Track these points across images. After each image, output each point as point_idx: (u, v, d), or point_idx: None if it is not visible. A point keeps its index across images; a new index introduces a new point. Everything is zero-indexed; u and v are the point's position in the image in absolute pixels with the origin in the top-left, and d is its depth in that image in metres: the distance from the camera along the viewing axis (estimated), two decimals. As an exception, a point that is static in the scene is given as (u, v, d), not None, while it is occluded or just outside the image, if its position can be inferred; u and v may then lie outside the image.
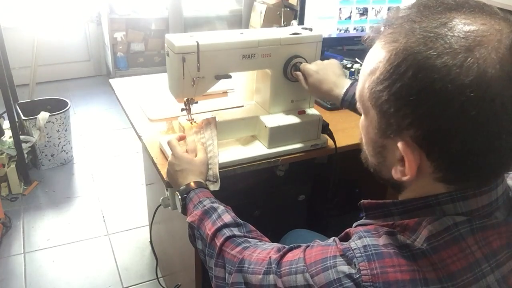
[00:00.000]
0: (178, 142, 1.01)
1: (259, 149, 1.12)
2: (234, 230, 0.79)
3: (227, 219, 0.81)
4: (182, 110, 1.10)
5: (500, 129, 0.48)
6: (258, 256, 0.69)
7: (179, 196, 0.91)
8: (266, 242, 0.78)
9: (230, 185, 1.06)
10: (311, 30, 1.12)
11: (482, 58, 0.46)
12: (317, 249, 0.59)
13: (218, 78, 1.04)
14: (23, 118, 2.31)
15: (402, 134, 0.52)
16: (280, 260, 0.63)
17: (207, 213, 0.84)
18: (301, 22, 1.59)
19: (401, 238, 0.54)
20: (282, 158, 1.12)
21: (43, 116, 2.31)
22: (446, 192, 0.54)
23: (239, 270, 0.70)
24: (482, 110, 0.46)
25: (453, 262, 0.51)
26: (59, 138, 2.46)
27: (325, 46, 1.13)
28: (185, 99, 1.07)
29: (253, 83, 1.24)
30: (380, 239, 0.55)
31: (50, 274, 1.83)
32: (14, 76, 2.40)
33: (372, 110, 0.55)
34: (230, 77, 1.05)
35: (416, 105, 0.49)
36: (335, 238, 0.61)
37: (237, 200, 1.20)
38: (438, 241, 0.52)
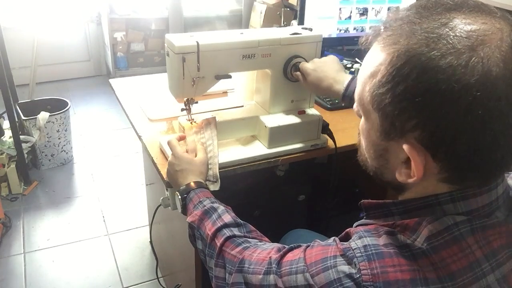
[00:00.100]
0: (178, 142, 1.01)
1: (259, 149, 1.12)
2: (234, 230, 0.79)
3: (227, 219, 0.81)
4: (182, 110, 1.10)
5: (505, 126, 0.48)
6: (258, 256, 0.69)
7: (179, 196, 0.91)
8: (266, 242, 0.78)
9: (230, 185, 1.06)
10: (311, 30, 1.12)
11: (486, 57, 0.46)
12: (317, 249, 0.59)
13: (218, 78, 1.04)
14: (23, 118, 2.31)
15: (407, 136, 0.52)
16: (280, 260, 0.63)
17: (207, 213, 0.84)
18: (301, 22, 1.59)
19: (401, 238, 0.54)
20: (282, 158, 1.12)
21: (43, 116, 2.31)
22: (447, 192, 0.54)
23: (239, 270, 0.70)
24: (488, 108, 0.46)
25: (453, 261, 0.51)
26: (59, 138, 2.46)
27: (325, 46, 1.13)
28: (185, 99, 1.07)
29: (253, 83, 1.24)
30: (380, 239, 0.55)
31: (50, 274, 1.83)
32: (14, 76, 2.39)
33: (373, 113, 0.55)
34: (230, 77, 1.05)
35: (421, 106, 0.49)
36: (335, 238, 0.61)
37: (237, 200, 1.20)
38: (438, 240, 0.52)
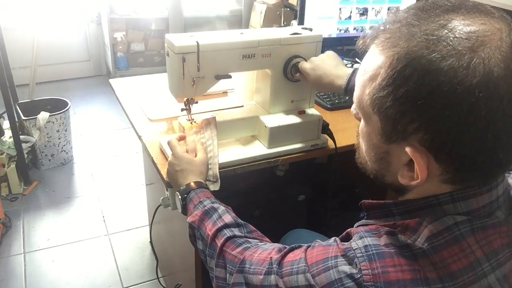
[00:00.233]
0: (178, 142, 1.01)
1: (259, 149, 1.12)
2: (235, 231, 0.79)
3: (228, 220, 0.81)
4: (182, 110, 1.09)
5: (507, 126, 0.48)
6: (259, 256, 0.69)
7: (179, 196, 0.91)
8: (266, 242, 0.78)
9: (230, 185, 1.06)
10: (311, 30, 1.12)
11: (487, 58, 0.46)
12: (318, 249, 0.59)
13: (218, 78, 1.04)
14: (23, 118, 2.31)
15: (409, 138, 0.52)
16: (281, 260, 0.63)
17: (208, 213, 0.84)
18: (301, 22, 1.59)
19: (402, 238, 0.54)
20: (282, 158, 1.12)
21: (43, 116, 2.31)
22: (447, 192, 0.54)
23: (240, 270, 0.70)
24: (491, 109, 0.47)
25: (454, 261, 0.51)
26: (59, 138, 2.46)
27: (325, 46, 1.13)
28: (185, 99, 1.07)
29: (253, 83, 1.24)
30: (381, 239, 0.55)
31: (50, 274, 1.83)
32: (14, 76, 2.39)
33: (374, 116, 0.55)
34: (230, 77, 1.05)
35: (423, 109, 0.49)
36: (336, 238, 0.61)
37: (237, 200, 1.20)
38: (439, 240, 0.52)
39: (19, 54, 3.06)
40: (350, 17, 1.68)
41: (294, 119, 1.12)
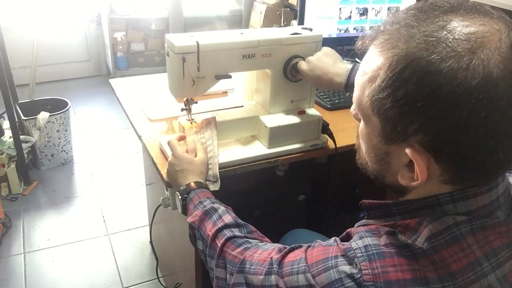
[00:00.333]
0: (178, 142, 1.01)
1: (259, 149, 1.12)
2: (235, 231, 0.79)
3: (228, 220, 0.81)
4: (182, 110, 1.09)
5: (507, 126, 0.48)
6: (259, 256, 0.69)
7: (180, 196, 0.91)
8: (267, 242, 0.78)
9: (230, 185, 1.06)
10: (311, 30, 1.12)
11: (486, 59, 0.46)
12: (318, 249, 0.59)
13: (218, 78, 1.04)
14: (23, 118, 2.31)
15: (409, 140, 0.52)
16: (281, 260, 0.63)
17: (208, 213, 0.84)
18: (301, 22, 1.59)
19: (402, 238, 0.54)
20: (282, 158, 1.12)
21: (43, 116, 2.31)
22: (447, 192, 0.54)
23: (241, 270, 0.70)
24: (491, 110, 0.47)
25: (453, 261, 0.51)
26: (59, 138, 2.45)
27: (325, 46, 1.13)
28: (185, 99, 1.07)
29: (253, 83, 1.24)
30: (381, 239, 0.55)
31: (50, 274, 1.83)
32: (14, 76, 2.39)
33: (374, 118, 0.55)
34: (230, 77, 1.05)
35: (423, 110, 0.48)
36: (336, 238, 0.61)
37: (237, 200, 1.20)
38: (439, 240, 0.52)
39: (19, 54, 3.06)
40: (350, 17, 1.68)
41: (294, 119, 1.12)
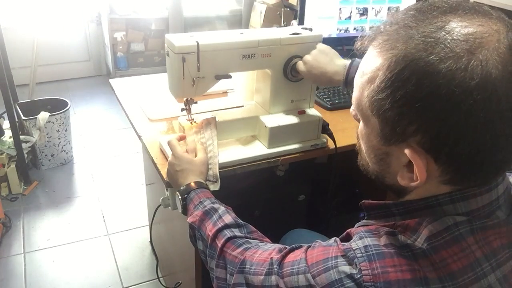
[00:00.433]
0: (178, 142, 1.01)
1: (259, 149, 1.12)
2: (235, 231, 0.79)
3: (228, 220, 0.81)
4: (182, 110, 1.10)
5: (506, 127, 0.48)
6: (259, 257, 0.69)
7: (180, 196, 0.91)
8: (267, 242, 0.78)
9: (230, 185, 1.06)
10: (311, 30, 1.12)
11: (485, 60, 0.46)
12: (318, 249, 0.59)
13: (218, 78, 1.04)
14: (23, 118, 2.31)
15: (408, 140, 0.52)
16: (281, 260, 0.63)
17: (208, 213, 0.84)
18: (301, 22, 1.59)
19: (401, 238, 0.54)
20: (282, 158, 1.12)
21: (43, 116, 2.31)
22: (446, 193, 0.54)
23: (241, 271, 0.70)
24: (490, 111, 0.47)
25: (453, 261, 0.51)
26: (59, 138, 2.45)
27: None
28: (185, 99, 1.07)
29: (253, 83, 1.24)
30: (381, 239, 0.55)
31: (50, 274, 1.83)
32: (14, 76, 2.39)
33: (373, 118, 0.55)
34: (230, 77, 1.05)
35: (422, 111, 0.49)
36: (336, 238, 0.61)
37: (237, 200, 1.20)
38: (439, 240, 0.52)
39: (19, 54, 3.06)
40: (350, 17, 1.68)
41: (294, 119, 1.12)
